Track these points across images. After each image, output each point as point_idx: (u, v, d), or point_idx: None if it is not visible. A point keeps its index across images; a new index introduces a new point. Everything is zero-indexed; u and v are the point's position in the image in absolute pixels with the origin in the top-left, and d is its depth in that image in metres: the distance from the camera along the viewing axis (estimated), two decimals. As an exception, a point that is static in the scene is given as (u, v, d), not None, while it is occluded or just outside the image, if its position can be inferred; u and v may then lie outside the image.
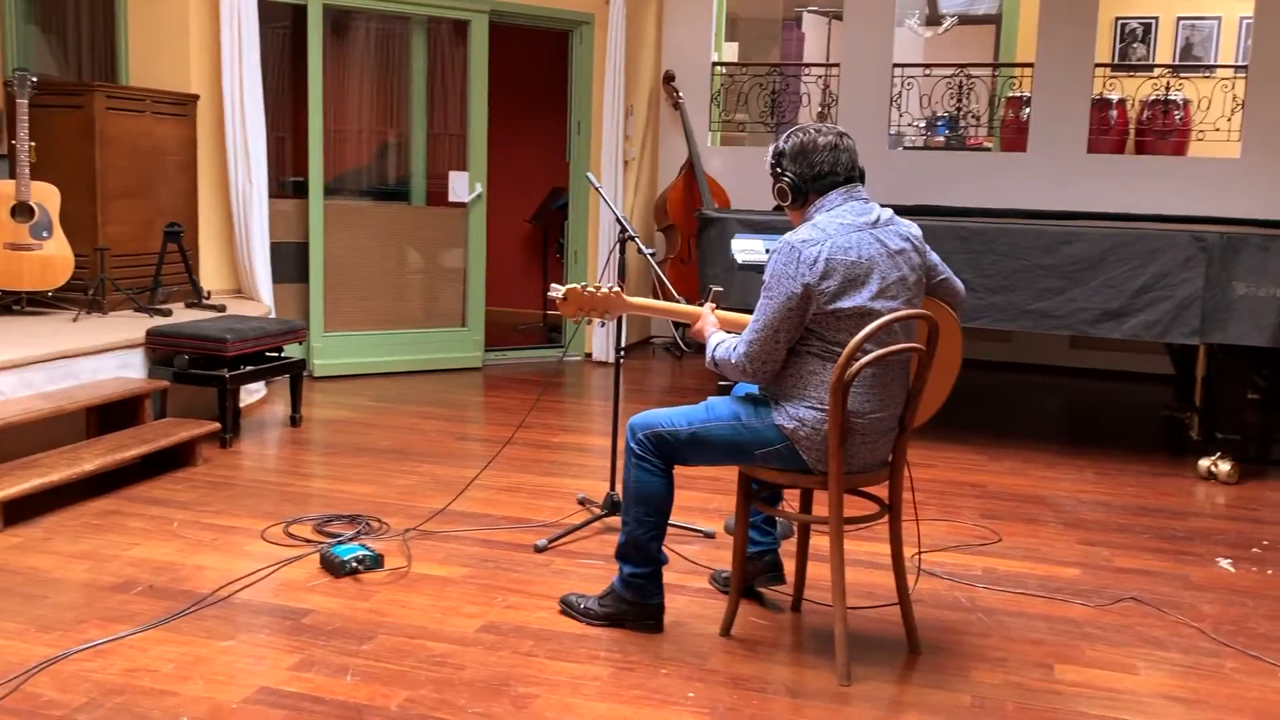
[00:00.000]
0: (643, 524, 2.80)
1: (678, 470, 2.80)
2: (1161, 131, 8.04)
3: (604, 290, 2.98)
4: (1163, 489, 4.61)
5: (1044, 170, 7.73)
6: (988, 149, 8.77)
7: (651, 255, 3.75)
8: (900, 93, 8.35)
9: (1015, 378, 7.29)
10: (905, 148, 8.80)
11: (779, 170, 2.68)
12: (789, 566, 3.11)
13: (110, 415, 4.35)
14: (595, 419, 5.71)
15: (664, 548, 2.88)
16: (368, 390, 6.04)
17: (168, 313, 5.23)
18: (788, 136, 2.72)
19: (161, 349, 4.76)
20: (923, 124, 8.99)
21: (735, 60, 9.60)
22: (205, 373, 4.69)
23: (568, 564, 3.41)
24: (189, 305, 5.56)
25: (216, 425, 4.56)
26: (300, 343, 5.27)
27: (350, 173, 7.19)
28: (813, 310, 2.56)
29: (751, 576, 3.11)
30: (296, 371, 5.21)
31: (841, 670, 2.62)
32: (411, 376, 6.52)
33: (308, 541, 3.53)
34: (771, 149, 2.75)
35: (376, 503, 3.99)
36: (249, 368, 4.88)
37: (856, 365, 2.51)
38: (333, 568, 3.24)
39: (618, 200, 7.53)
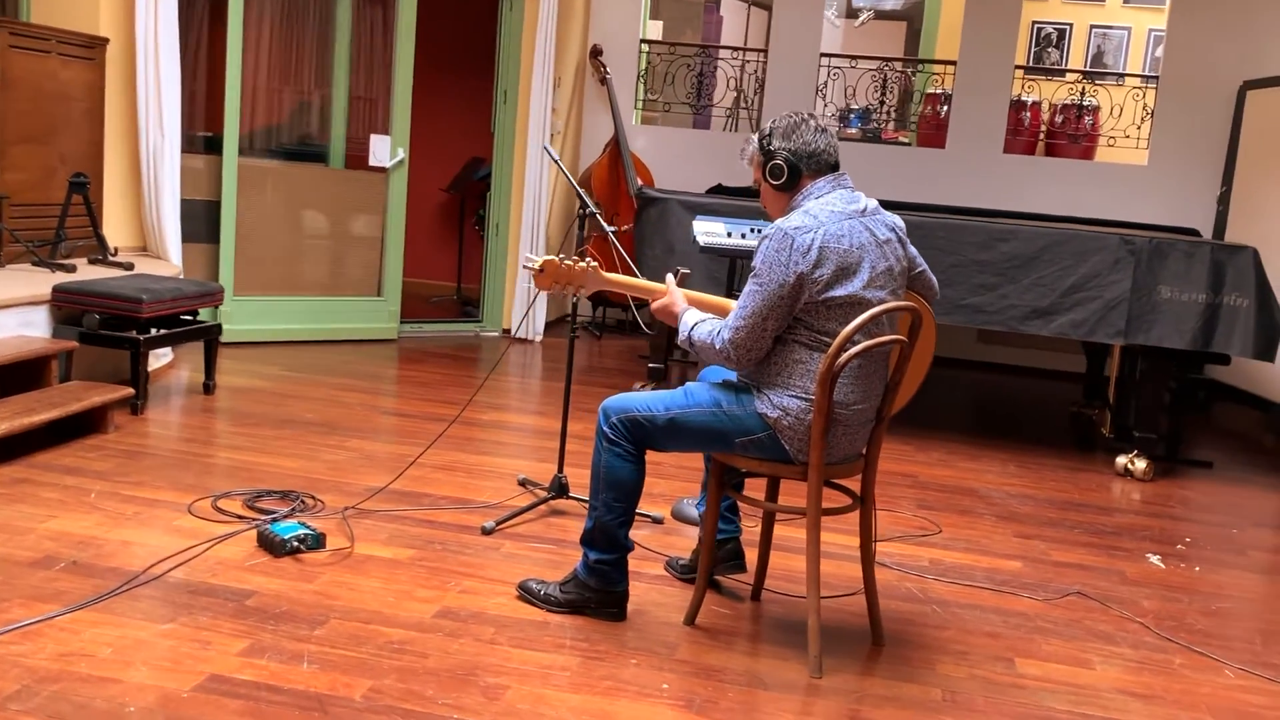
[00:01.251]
0: (611, 509, 2.73)
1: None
2: (1073, 135, 8.28)
3: (582, 264, 2.88)
4: (1083, 484, 4.73)
5: (962, 168, 7.87)
6: (904, 143, 8.89)
7: (614, 233, 3.64)
8: (826, 83, 8.39)
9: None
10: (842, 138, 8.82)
11: (770, 149, 2.62)
12: (750, 555, 3.07)
13: (12, 376, 4.05)
14: (524, 397, 5.60)
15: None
16: (279, 359, 5.79)
17: (71, 268, 4.91)
18: (775, 119, 2.66)
19: (68, 307, 4.46)
20: (836, 116, 9.06)
21: (659, 39, 9.51)
22: (117, 334, 4.41)
23: (518, 547, 3.31)
24: (93, 262, 5.24)
25: (130, 390, 4.30)
26: (217, 306, 5.01)
27: (266, 131, 6.87)
28: (804, 299, 2.52)
29: (713, 565, 3.06)
30: (212, 337, 4.96)
31: (814, 663, 2.59)
32: (324, 346, 6.28)
33: (240, 518, 3.34)
34: (757, 133, 2.69)
35: (307, 478, 3.81)
36: (163, 331, 4.62)
37: (846, 355, 2.47)
38: (272, 547, 3.07)
39: (545, 174, 7.38)
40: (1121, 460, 4.95)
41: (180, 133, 5.77)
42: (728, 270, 3.68)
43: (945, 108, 8.48)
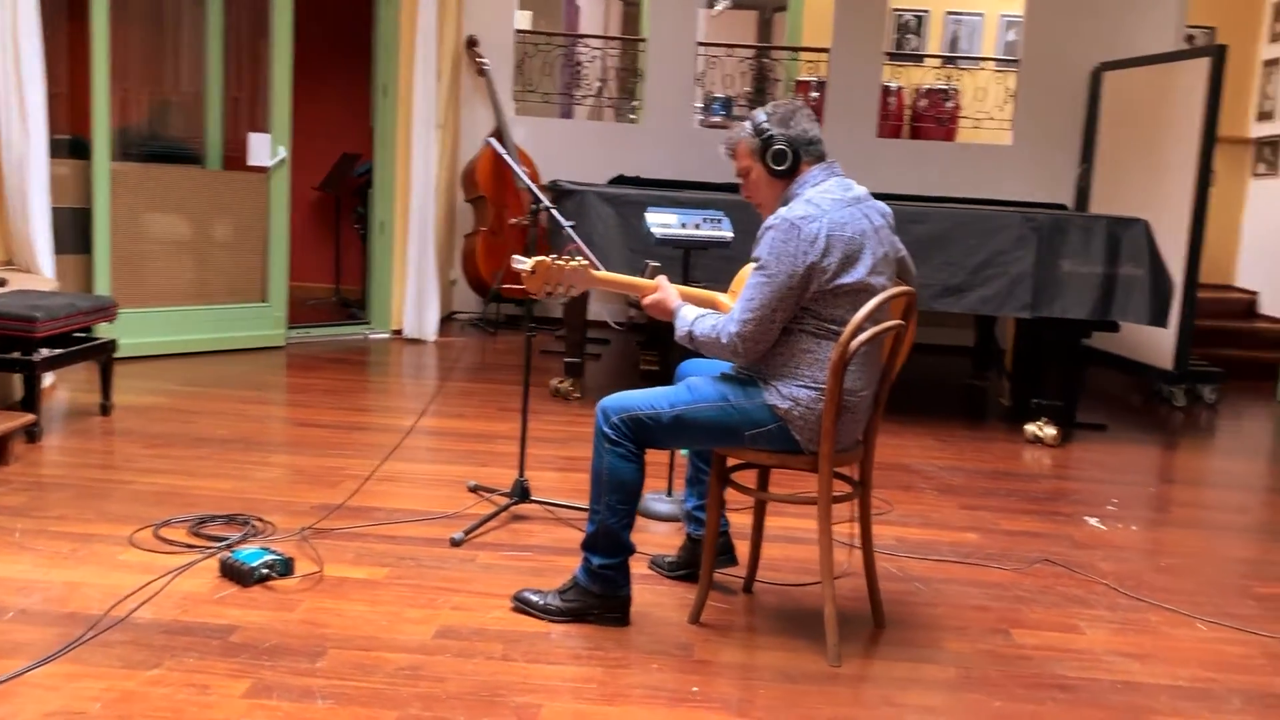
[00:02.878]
0: (615, 512, 2.66)
1: (574, 455, 2.66)
2: (938, 118, 8.58)
3: (574, 263, 2.79)
4: (1000, 453, 4.91)
5: (841, 153, 7.99)
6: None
7: (574, 228, 3.54)
8: (705, 71, 8.44)
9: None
10: (700, 125, 8.89)
11: (769, 137, 2.59)
12: (742, 549, 3.05)
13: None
14: (440, 400, 5.42)
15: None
16: (168, 373, 5.45)
17: (-61, 287, 4.50)
18: (765, 109, 2.64)
19: (-51, 330, 4.07)
20: (700, 105, 9.13)
21: (529, 28, 9.37)
22: (7, 357, 4.06)
23: (493, 557, 3.20)
24: (-41, 278, 4.80)
25: (31, 417, 3.97)
26: (111, 321, 4.66)
27: (135, 132, 6.44)
28: (813, 289, 2.50)
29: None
30: (108, 354, 4.62)
31: (832, 652, 2.60)
32: (210, 357, 5.95)
33: (190, 547, 3.12)
34: (750, 122, 2.65)
35: (245, 499, 3.59)
36: (58, 351, 4.28)
37: (857, 341, 2.48)
38: (239, 576, 2.88)
39: (432, 169, 7.18)
40: (1030, 428, 5.16)
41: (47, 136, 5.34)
42: (682, 261, 3.63)
43: (816, 94, 8.66)
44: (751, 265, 2.80)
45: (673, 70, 8.03)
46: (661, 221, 3.57)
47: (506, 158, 3.68)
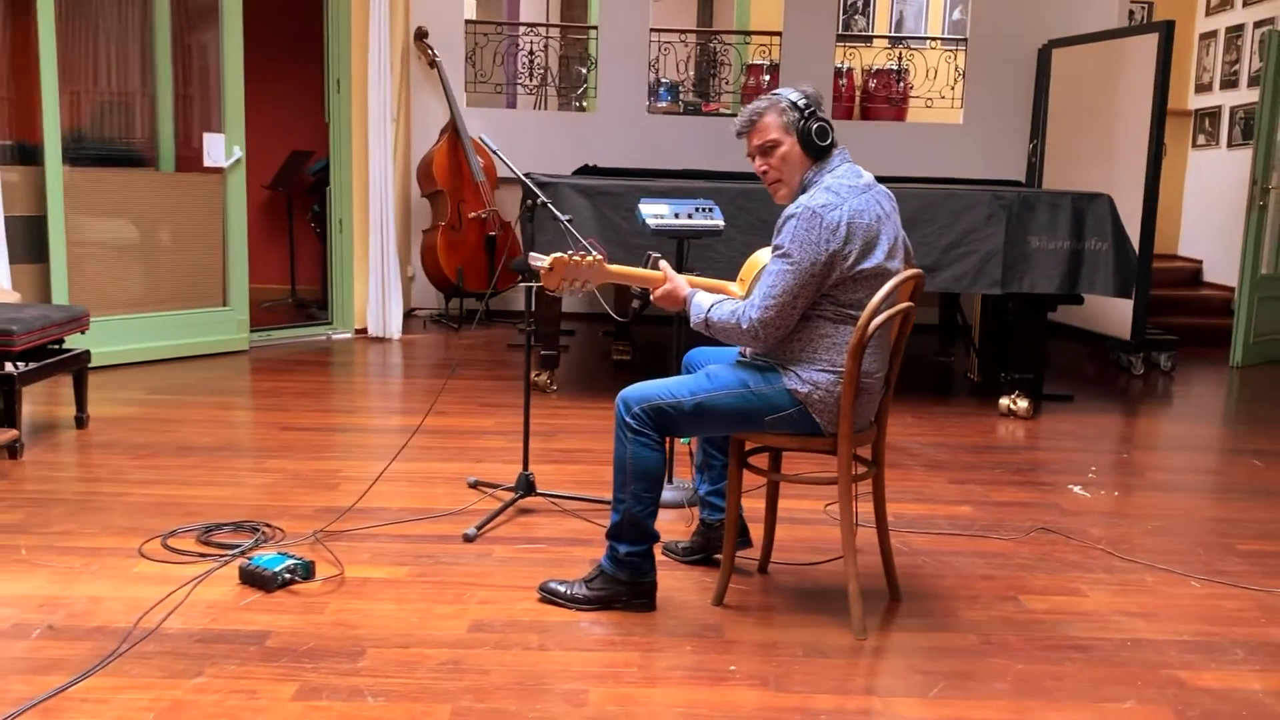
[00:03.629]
0: (641, 500, 2.71)
1: (565, 447, 2.70)
2: (889, 99, 8.71)
3: (590, 258, 2.82)
4: (976, 427, 5.05)
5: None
6: (728, 114, 9.10)
7: (569, 221, 3.56)
8: (659, 57, 8.47)
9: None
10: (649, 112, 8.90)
11: (811, 113, 2.62)
12: (753, 531, 3.12)
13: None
14: (415, 397, 5.41)
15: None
16: (133, 382, 5.37)
17: (-97, 303, 4.38)
18: (796, 90, 2.67)
19: (-77, 346, 3.98)
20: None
21: (474, 18, 9.31)
22: (-12, 371, 3.98)
23: (508, 551, 3.23)
24: (-81, 293, 4.68)
25: (15, 433, 3.89)
26: (84, 331, 4.58)
27: (84, 137, 6.30)
28: (835, 276, 2.57)
29: (719, 543, 3.09)
30: (82, 365, 4.54)
31: (858, 625, 2.67)
32: (173, 364, 5.87)
33: (203, 555, 3.10)
34: (782, 98, 2.67)
35: (246, 506, 3.58)
36: (33, 364, 4.20)
37: (875, 324, 2.55)
38: (262, 581, 2.87)
39: (389, 164, 7.13)
40: (1004, 401, 5.30)
41: (-1, 143, 5.22)
42: (677, 250, 3.68)
43: (767, 78, 8.74)
44: (761, 252, 2.87)
45: (625, 57, 8.05)
46: (655, 212, 3.61)
47: (498, 153, 3.67)
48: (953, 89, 8.37)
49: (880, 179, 2.79)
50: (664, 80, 9.28)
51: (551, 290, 2.85)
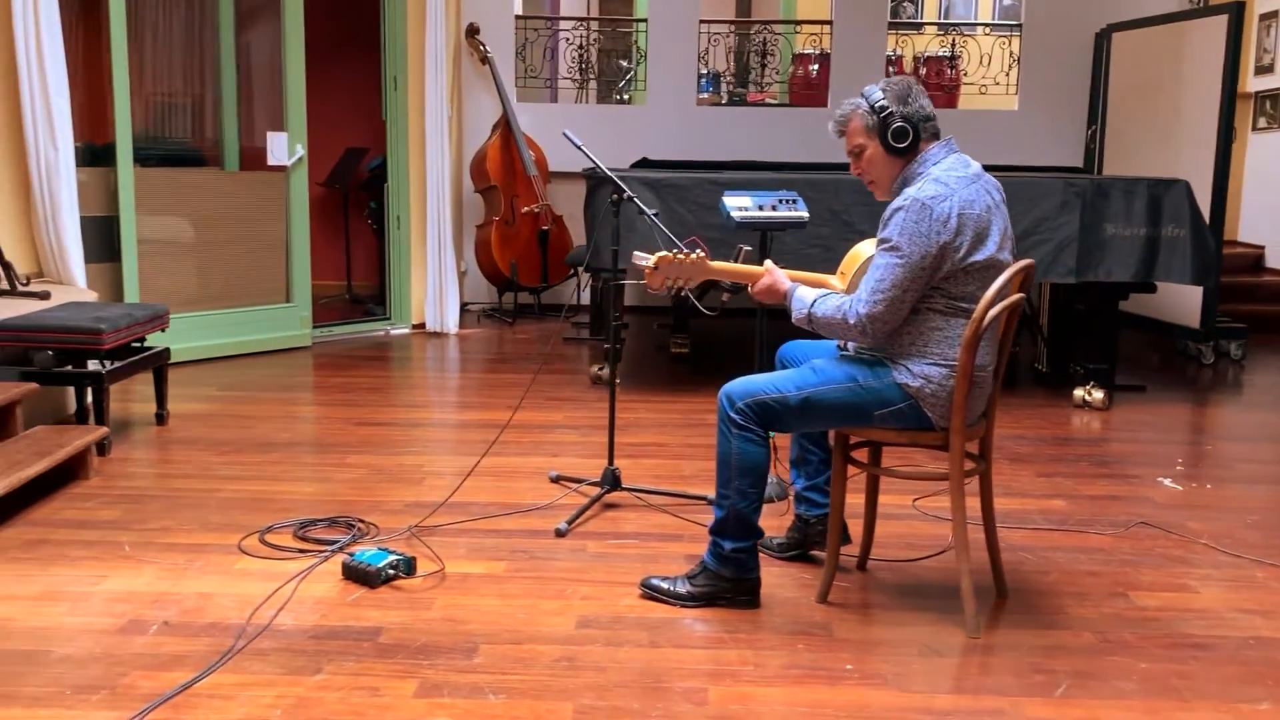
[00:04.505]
0: (746, 496, 2.69)
1: (638, 441, 2.66)
2: (941, 86, 8.63)
3: (694, 256, 2.80)
4: (1053, 419, 4.98)
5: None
6: (773, 104, 9.05)
7: (655, 215, 3.54)
8: (708, 49, 8.43)
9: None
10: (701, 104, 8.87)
11: (888, 114, 2.60)
12: (854, 527, 3.09)
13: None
14: (482, 391, 5.41)
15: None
16: (203, 378, 5.41)
17: (-12, 303, 4.45)
18: (884, 85, 2.65)
19: (12, 345, 4.03)
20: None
21: (522, 13, 9.31)
22: (78, 370, 4.03)
23: (602, 546, 3.22)
24: (1, 294, 4.74)
25: (104, 430, 3.93)
26: (164, 329, 4.62)
27: (152, 137, 6.37)
28: (946, 268, 2.53)
29: (815, 538, 3.08)
30: (164, 362, 4.58)
31: (971, 623, 2.64)
32: (239, 360, 5.92)
33: (302, 552, 3.12)
34: (864, 99, 2.66)
35: (336, 502, 3.60)
36: (118, 362, 4.24)
37: (990, 315, 2.51)
38: (366, 578, 2.88)
39: (446, 161, 7.14)
40: (1078, 392, 5.24)
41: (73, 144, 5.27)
42: (760, 242, 3.65)
43: (816, 68, 8.67)
44: (863, 244, 2.84)
45: (674, 49, 8.01)
46: (739, 205, 3.59)
47: (582, 148, 3.65)
48: (1007, 75, 8.27)
49: None
50: (704, 72, 9.25)
51: (654, 289, 2.84)
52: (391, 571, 2.90)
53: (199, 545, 3.16)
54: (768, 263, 2.86)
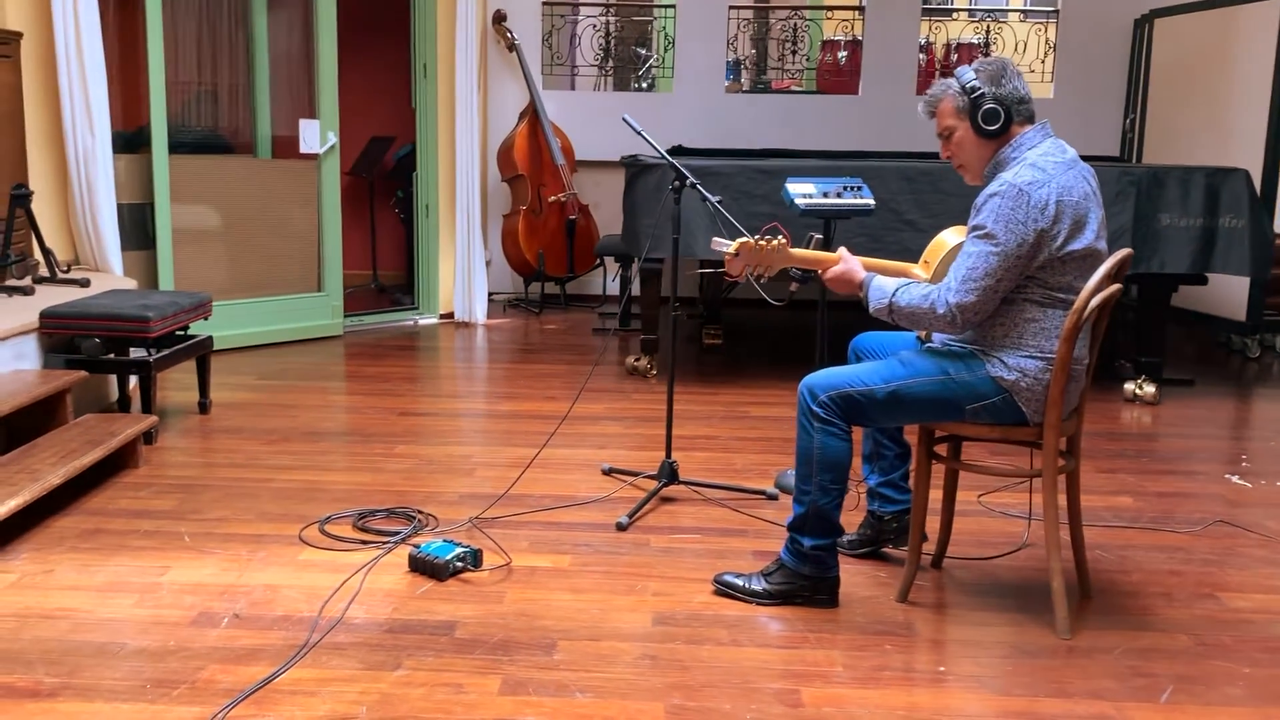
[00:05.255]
0: (828, 492, 2.62)
1: (686, 434, 2.57)
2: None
3: (775, 242, 2.73)
4: (1106, 413, 4.89)
5: (878, 112, 7.95)
6: (799, 91, 8.96)
7: (719, 201, 3.46)
8: (737, 35, 8.33)
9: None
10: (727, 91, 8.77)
11: (979, 95, 2.52)
12: (931, 524, 3.01)
13: (28, 416, 3.58)
14: (520, 382, 5.32)
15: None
16: (239, 367, 5.34)
17: (29, 290, 4.40)
18: (977, 65, 2.57)
19: (60, 334, 3.97)
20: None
21: (563, 0, 9.19)
22: (128, 358, 3.97)
23: (665, 540, 3.15)
24: (40, 281, 4.69)
25: (154, 419, 3.87)
26: (207, 317, 4.55)
27: (186, 125, 6.30)
28: (1042, 257, 2.45)
29: (889, 535, 3.00)
30: (207, 350, 4.52)
31: (1062, 624, 2.57)
32: (273, 349, 5.86)
33: (364, 543, 3.06)
34: (955, 80, 2.58)
35: (390, 492, 3.54)
36: (165, 351, 4.18)
37: (1091, 306, 2.43)
38: (434, 570, 2.82)
39: (475, 149, 7.06)
40: (1130, 386, 5.15)
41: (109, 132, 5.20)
42: (823, 229, 3.57)
43: (844, 54, 8.57)
44: (947, 232, 2.76)
45: (703, 35, 7.92)
46: (803, 192, 3.51)
47: (643, 133, 3.57)
48: (1043, 62, 8.16)
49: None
50: (730, 59, 9.14)
51: (734, 276, 2.76)
52: (460, 564, 2.83)
53: (259, 536, 3.10)
54: (842, 250, 2.77)
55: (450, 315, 7.16)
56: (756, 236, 2.74)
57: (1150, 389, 5.09)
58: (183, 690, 2.21)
